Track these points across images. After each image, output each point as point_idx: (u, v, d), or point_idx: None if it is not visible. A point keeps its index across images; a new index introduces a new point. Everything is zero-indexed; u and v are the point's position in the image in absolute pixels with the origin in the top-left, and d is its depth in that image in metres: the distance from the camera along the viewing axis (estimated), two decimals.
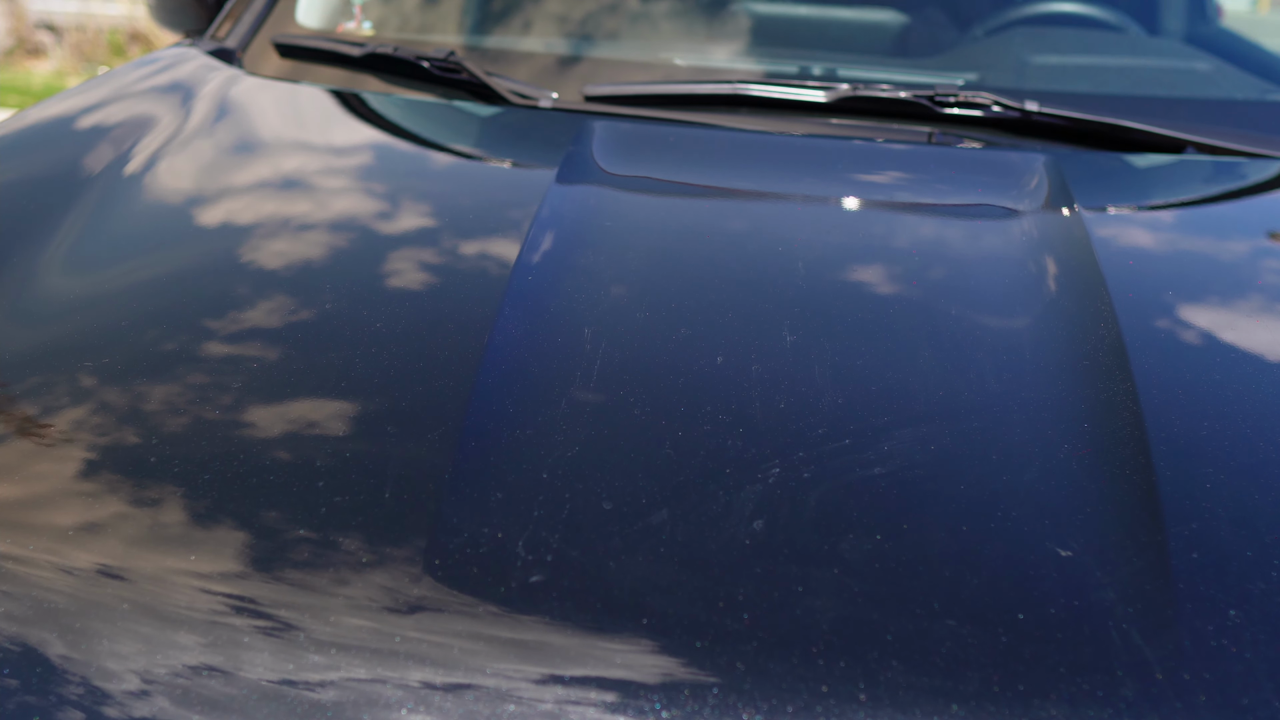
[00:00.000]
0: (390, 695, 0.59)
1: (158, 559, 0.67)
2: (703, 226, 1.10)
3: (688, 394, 0.80)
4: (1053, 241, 1.05)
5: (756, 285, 0.96)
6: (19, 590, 0.65)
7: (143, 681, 0.60)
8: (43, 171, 1.22)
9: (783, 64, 1.57)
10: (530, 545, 0.66)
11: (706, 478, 0.72)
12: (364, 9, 1.66)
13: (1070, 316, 0.92)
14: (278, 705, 0.58)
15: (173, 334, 0.90)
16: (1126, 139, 1.30)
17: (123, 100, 1.41)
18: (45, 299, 0.95)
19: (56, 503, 0.71)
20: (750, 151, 1.29)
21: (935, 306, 0.94)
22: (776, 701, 0.58)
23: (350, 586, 0.64)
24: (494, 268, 1.00)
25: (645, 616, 0.62)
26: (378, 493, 0.71)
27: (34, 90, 5.49)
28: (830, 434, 0.77)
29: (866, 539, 0.67)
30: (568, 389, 0.81)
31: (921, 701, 0.58)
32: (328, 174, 1.22)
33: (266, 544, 0.68)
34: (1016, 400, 0.82)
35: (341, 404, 0.80)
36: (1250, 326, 0.93)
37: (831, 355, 0.86)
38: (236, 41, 1.62)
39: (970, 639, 0.61)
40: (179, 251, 1.07)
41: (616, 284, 0.96)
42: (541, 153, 1.32)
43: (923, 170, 1.25)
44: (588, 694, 0.59)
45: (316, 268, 1.01)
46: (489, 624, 0.62)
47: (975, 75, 1.52)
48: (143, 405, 0.80)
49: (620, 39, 1.62)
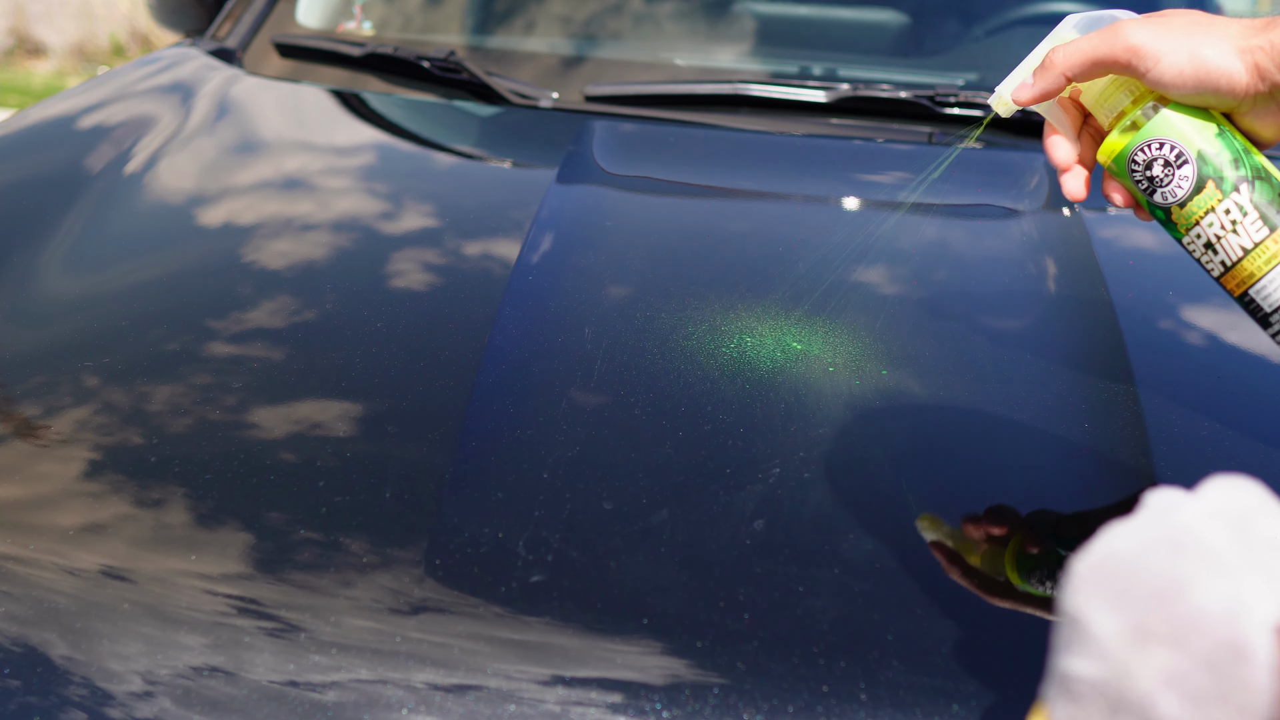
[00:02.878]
0: (391, 695, 0.59)
1: (159, 559, 0.67)
2: (703, 226, 1.10)
3: (688, 394, 0.80)
4: (1053, 241, 1.05)
5: (756, 285, 0.96)
6: (20, 591, 0.65)
7: (144, 682, 0.60)
8: (43, 171, 1.22)
9: (783, 64, 1.57)
10: (531, 545, 0.67)
11: (706, 478, 0.72)
12: (364, 9, 1.66)
13: (1070, 316, 0.92)
14: (279, 705, 0.58)
15: (173, 334, 0.90)
16: None
17: (123, 100, 1.41)
18: (45, 299, 0.95)
19: (57, 503, 0.71)
20: (750, 151, 1.29)
21: (935, 306, 0.94)
22: (777, 701, 0.58)
23: (351, 586, 0.64)
24: (494, 268, 1.00)
25: (646, 616, 0.62)
26: (378, 493, 0.71)
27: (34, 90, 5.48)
28: (830, 434, 0.77)
29: (866, 539, 0.68)
30: (568, 389, 0.81)
31: (921, 701, 0.58)
32: (328, 174, 1.22)
33: (267, 544, 0.68)
34: (1016, 400, 0.82)
35: (342, 404, 0.80)
36: (1250, 327, 0.93)
37: (831, 355, 0.86)
38: (237, 41, 1.62)
39: (970, 639, 0.61)
40: (179, 251, 1.07)
41: (617, 284, 0.96)
42: (542, 153, 1.32)
43: (923, 170, 1.25)
44: (589, 694, 0.59)
45: (317, 267, 1.01)
46: (490, 624, 0.62)
47: (975, 75, 1.52)
48: (143, 405, 0.80)
49: (620, 39, 1.62)
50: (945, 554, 0.67)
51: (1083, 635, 0.37)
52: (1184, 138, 0.60)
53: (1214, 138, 0.60)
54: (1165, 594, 0.36)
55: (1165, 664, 0.35)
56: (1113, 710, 0.36)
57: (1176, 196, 0.61)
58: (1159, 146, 0.61)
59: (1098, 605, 0.37)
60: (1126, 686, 0.36)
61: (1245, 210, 0.59)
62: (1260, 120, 0.60)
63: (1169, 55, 0.57)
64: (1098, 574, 0.38)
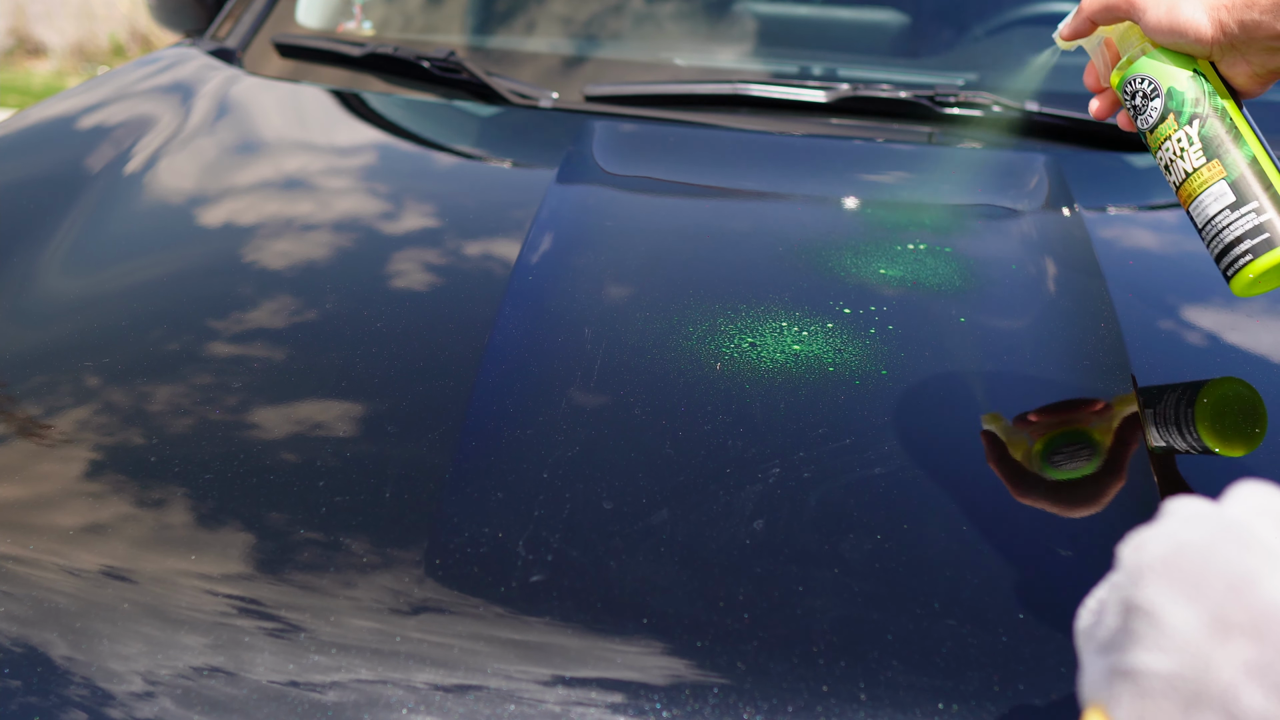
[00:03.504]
0: (391, 695, 0.59)
1: (159, 559, 0.67)
2: (703, 226, 1.10)
3: (688, 394, 0.80)
4: (1053, 241, 1.05)
5: (756, 285, 0.96)
6: (20, 591, 0.65)
7: (145, 682, 0.60)
8: (43, 171, 1.22)
9: (783, 64, 1.57)
10: (531, 545, 0.67)
11: (706, 478, 0.72)
12: (364, 9, 1.66)
13: (1070, 316, 0.92)
14: (279, 705, 0.58)
15: (173, 334, 0.90)
16: (1126, 139, 1.30)
17: (123, 100, 1.41)
18: (45, 299, 0.96)
19: (57, 503, 0.71)
20: (750, 151, 1.29)
21: (935, 307, 0.94)
22: (777, 701, 0.58)
23: (351, 586, 0.64)
24: (494, 267, 1.00)
25: (646, 616, 0.62)
26: (378, 492, 0.71)
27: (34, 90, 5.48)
28: (830, 434, 0.77)
29: (866, 539, 0.68)
30: (568, 389, 0.81)
31: (921, 701, 0.58)
32: (328, 174, 1.22)
33: (267, 544, 0.68)
34: (1016, 400, 0.82)
35: (342, 404, 0.80)
36: (1250, 327, 0.93)
37: (831, 355, 0.86)
38: (237, 41, 1.62)
39: (970, 639, 0.61)
40: (179, 251, 1.07)
41: (617, 284, 0.96)
42: (542, 153, 1.32)
43: (923, 170, 1.25)
44: (589, 693, 0.59)
45: (316, 267, 1.01)
46: (490, 624, 0.62)
47: (975, 75, 1.52)
48: (143, 405, 0.80)
49: (620, 39, 1.62)
50: (944, 553, 0.67)
51: (1156, 628, 0.36)
52: (1159, 75, 0.74)
53: (1186, 80, 0.73)
54: (1240, 587, 0.36)
55: (1248, 655, 0.35)
56: (1188, 705, 0.35)
57: (1149, 123, 0.76)
58: (1140, 81, 0.75)
59: (1173, 597, 0.36)
60: (1207, 679, 0.35)
61: (1193, 140, 0.73)
62: (1233, 69, 0.73)
63: (1153, 7, 0.72)
64: (1170, 566, 0.37)
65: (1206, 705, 0.35)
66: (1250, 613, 0.35)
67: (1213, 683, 0.35)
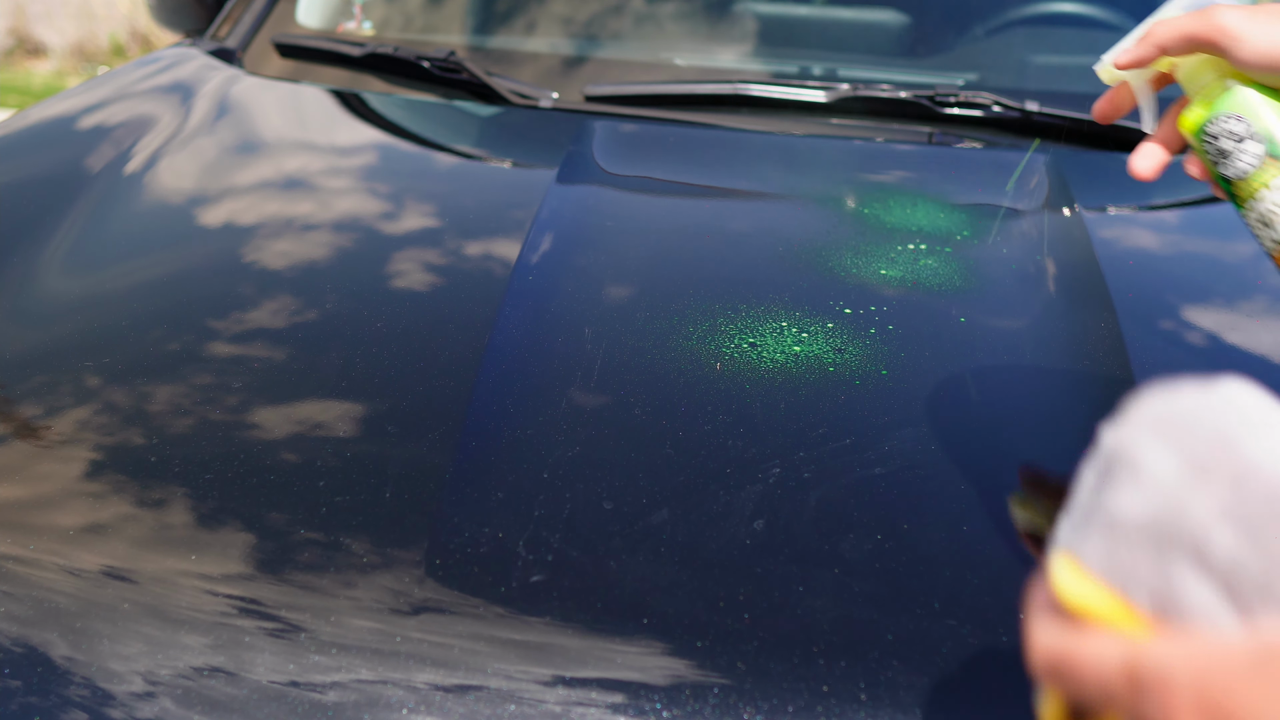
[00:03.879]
0: (391, 695, 0.59)
1: (159, 559, 0.67)
2: (703, 226, 1.10)
3: (688, 394, 0.80)
4: (1053, 241, 1.05)
5: (756, 285, 0.96)
6: (20, 591, 0.65)
7: (145, 682, 0.60)
8: (43, 171, 1.22)
9: (783, 64, 1.57)
10: (531, 545, 0.67)
11: (706, 478, 0.72)
12: (364, 9, 1.66)
13: (1070, 316, 0.92)
14: (279, 705, 0.59)
15: (173, 334, 0.90)
16: (1126, 139, 1.30)
17: (123, 100, 1.41)
18: (45, 299, 0.96)
19: (57, 503, 0.71)
20: (751, 151, 1.29)
21: (935, 306, 0.94)
22: (777, 701, 0.58)
23: (351, 586, 0.64)
24: (494, 267, 1.00)
25: (646, 616, 0.62)
26: (378, 493, 0.71)
27: (34, 90, 5.48)
28: (830, 434, 0.77)
29: (866, 539, 0.68)
30: (568, 389, 0.81)
31: (921, 701, 0.58)
32: (328, 174, 1.22)
33: (267, 544, 0.68)
34: (1016, 400, 0.82)
35: (342, 404, 0.80)
36: (1251, 327, 0.93)
37: (831, 355, 0.86)
38: (237, 41, 1.62)
39: (970, 639, 0.61)
40: (179, 251, 1.07)
41: (617, 284, 0.96)
42: (542, 153, 1.32)
43: (923, 170, 1.25)
44: (589, 693, 0.59)
45: (317, 267, 1.01)
46: (490, 624, 0.62)
47: (975, 75, 1.52)
48: (143, 405, 0.80)
49: (620, 39, 1.62)
50: (944, 553, 0.67)
51: (1134, 472, 0.37)
52: (1254, 114, 0.63)
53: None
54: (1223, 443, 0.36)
55: (1224, 498, 0.35)
56: (1159, 546, 0.35)
57: (1239, 169, 0.64)
58: (1230, 120, 0.64)
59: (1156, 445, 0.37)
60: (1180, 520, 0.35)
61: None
62: None
63: (1251, 37, 0.62)
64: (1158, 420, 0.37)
65: (1177, 546, 0.35)
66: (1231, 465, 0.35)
67: (1185, 523, 0.35)
